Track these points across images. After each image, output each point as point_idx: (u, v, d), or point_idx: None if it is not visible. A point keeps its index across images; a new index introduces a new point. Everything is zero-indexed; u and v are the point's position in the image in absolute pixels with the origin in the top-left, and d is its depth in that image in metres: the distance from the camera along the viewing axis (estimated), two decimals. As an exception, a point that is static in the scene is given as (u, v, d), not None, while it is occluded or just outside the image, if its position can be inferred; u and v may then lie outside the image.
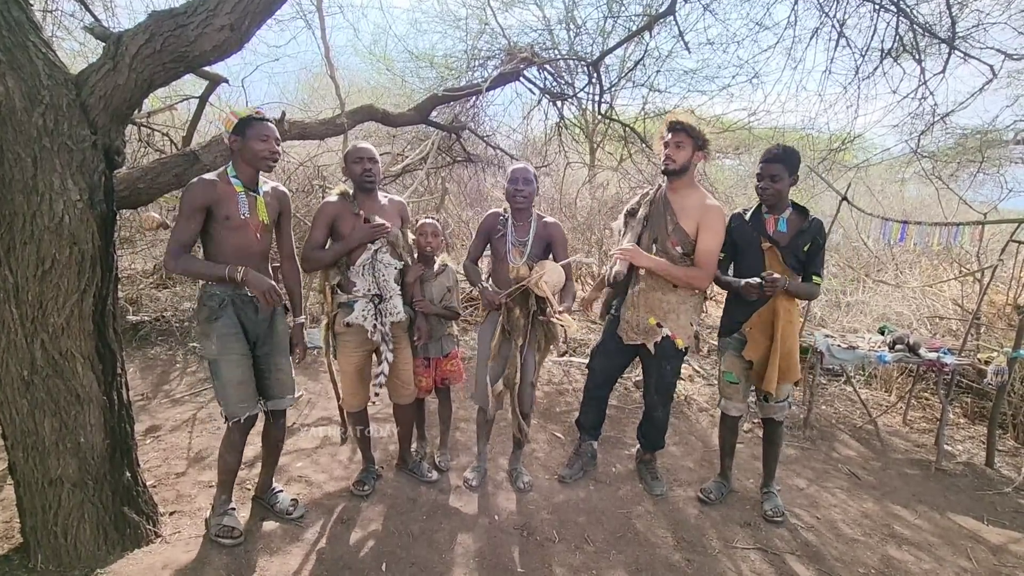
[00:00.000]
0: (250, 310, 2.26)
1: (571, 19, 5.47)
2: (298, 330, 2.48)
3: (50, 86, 1.83)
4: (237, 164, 2.20)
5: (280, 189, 2.40)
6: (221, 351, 2.19)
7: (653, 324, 2.68)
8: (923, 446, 3.73)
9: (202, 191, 2.11)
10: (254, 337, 2.30)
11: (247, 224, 2.20)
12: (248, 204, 2.20)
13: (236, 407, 2.25)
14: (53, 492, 2.04)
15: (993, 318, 4.38)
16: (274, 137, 2.21)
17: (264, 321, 2.31)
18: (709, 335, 5.74)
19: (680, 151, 2.60)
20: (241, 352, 2.23)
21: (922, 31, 3.57)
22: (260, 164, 2.20)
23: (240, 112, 2.19)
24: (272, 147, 2.19)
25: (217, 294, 2.19)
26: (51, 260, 1.90)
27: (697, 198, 2.66)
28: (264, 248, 2.30)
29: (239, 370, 2.23)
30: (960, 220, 3.86)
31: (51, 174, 1.86)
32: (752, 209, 2.70)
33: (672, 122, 2.62)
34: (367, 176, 2.48)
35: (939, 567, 2.49)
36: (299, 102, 8.07)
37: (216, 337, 2.18)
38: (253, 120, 2.17)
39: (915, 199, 8.85)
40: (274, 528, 2.44)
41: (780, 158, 2.52)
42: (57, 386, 1.98)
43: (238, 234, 2.18)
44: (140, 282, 5.49)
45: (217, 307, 2.19)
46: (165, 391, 3.85)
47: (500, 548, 2.41)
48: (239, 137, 2.16)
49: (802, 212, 2.63)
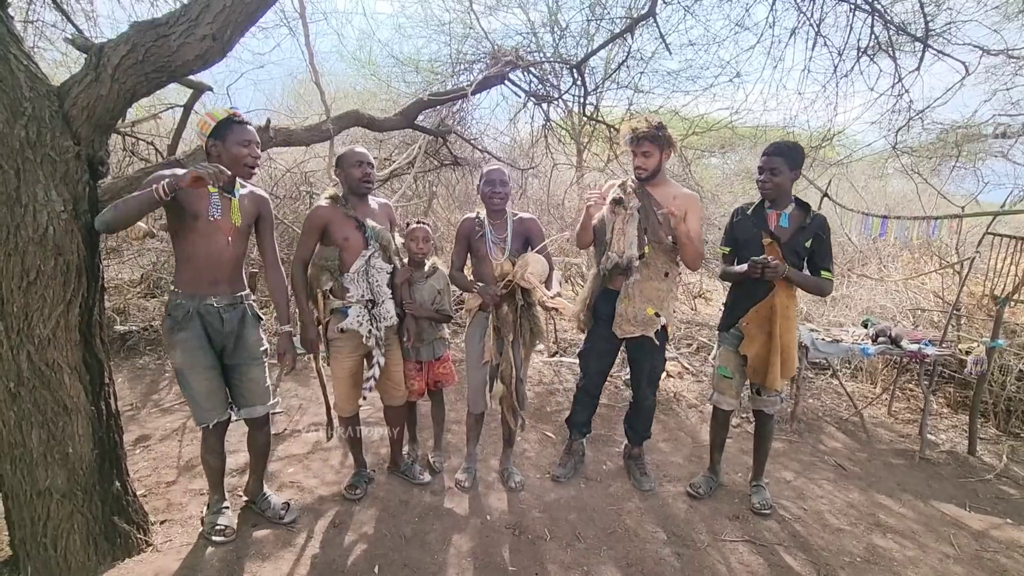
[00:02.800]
0: (215, 321, 2.22)
1: (555, 22, 5.52)
2: (285, 339, 2.43)
3: (32, 98, 1.84)
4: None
5: (259, 194, 2.35)
6: (186, 363, 2.17)
7: (652, 314, 2.73)
8: (907, 436, 3.80)
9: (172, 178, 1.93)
10: (220, 347, 2.26)
11: (217, 226, 2.13)
12: (222, 207, 2.14)
13: (204, 414, 2.25)
14: (42, 503, 2.03)
15: (972, 309, 4.46)
16: (255, 141, 2.16)
17: (231, 333, 2.26)
18: (698, 332, 5.80)
19: (649, 159, 2.67)
20: (206, 364, 2.20)
21: (896, 30, 3.65)
22: (241, 171, 2.16)
23: (216, 114, 2.12)
24: (254, 152, 2.15)
25: (182, 304, 2.16)
26: (36, 271, 1.90)
27: (675, 189, 2.77)
28: (237, 254, 2.25)
29: (205, 381, 2.21)
30: (938, 214, 3.94)
31: (35, 185, 1.87)
32: (754, 204, 2.72)
33: (634, 135, 2.65)
34: (367, 180, 2.48)
35: (923, 554, 2.55)
36: (285, 108, 8.04)
37: (180, 349, 2.16)
38: (233, 123, 2.11)
39: (898, 194, 8.98)
40: (266, 533, 2.44)
41: (781, 152, 2.55)
42: (44, 397, 1.98)
43: (208, 238, 2.13)
44: (127, 292, 5.45)
45: (181, 318, 2.15)
46: (154, 400, 3.84)
47: (492, 547, 2.43)
48: (218, 142, 2.11)
49: (804, 208, 2.64)
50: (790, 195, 2.65)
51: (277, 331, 2.47)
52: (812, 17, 3.77)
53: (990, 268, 3.82)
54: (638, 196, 2.71)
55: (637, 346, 2.82)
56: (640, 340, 2.78)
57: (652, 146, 2.64)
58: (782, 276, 2.51)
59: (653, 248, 2.71)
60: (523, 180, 6.66)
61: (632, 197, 2.69)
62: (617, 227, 2.70)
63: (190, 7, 1.93)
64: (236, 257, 2.25)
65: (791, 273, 2.53)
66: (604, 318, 2.82)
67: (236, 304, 2.29)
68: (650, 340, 2.76)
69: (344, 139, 5.50)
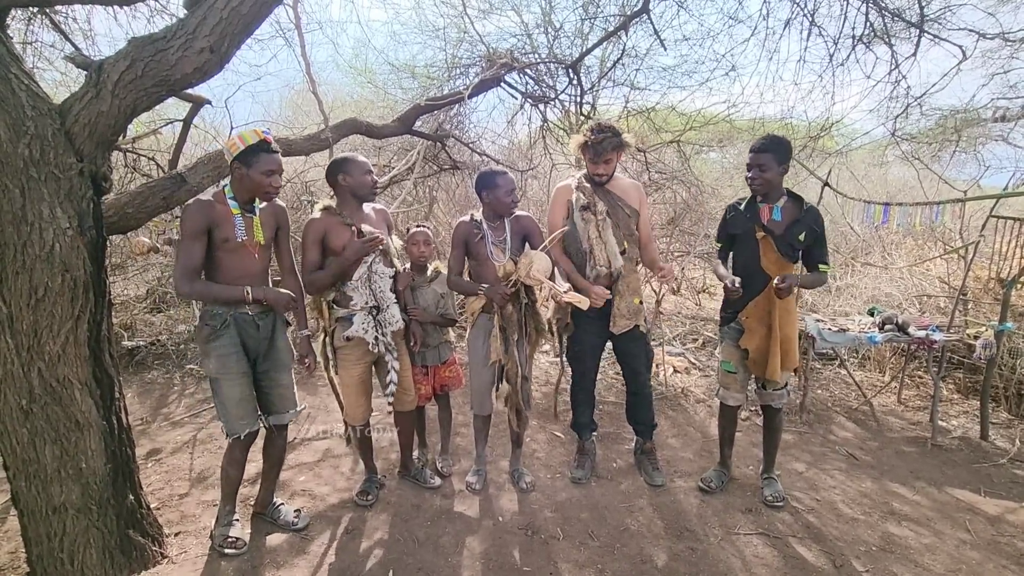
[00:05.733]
0: (251, 328, 2.27)
1: (549, 23, 5.53)
2: (306, 342, 2.49)
3: (34, 116, 1.85)
4: (235, 186, 2.20)
5: (276, 204, 2.39)
6: (220, 370, 2.21)
7: (637, 303, 2.80)
8: (918, 423, 3.78)
9: (200, 213, 2.12)
10: (255, 355, 2.32)
11: (244, 245, 2.21)
12: (245, 225, 2.21)
13: (236, 424, 2.27)
14: (57, 519, 2.05)
15: (979, 293, 4.44)
16: (279, 170, 2.21)
17: (265, 339, 2.33)
18: (703, 327, 5.79)
19: (610, 165, 2.71)
20: (241, 371, 2.25)
21: (891, 16, 3.64)
22: (261, 196, 2.23)
23: (247, 137, 2.13)
24: (276, 182, 2.20)
25: (219, 314, 2.21)
26: (44, 288, 1.92)
27: (625, 180, 2.87)
28: (264, 266, 2.32)
29: (239, 388, 2.25)
30: (941, 199, 3.93)
31: (40, 203, 1.88)
32: (747, 199, 2.73)
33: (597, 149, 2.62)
34: (376, 186, 2.53)
35: (939, 541, 2.53)
36: (283, 119, 8.07)
37: (216, 356, 2.20)
38: (261, 151, 2.14)
39: (899, 181, 8.93)
40: (280, 542, 2.45)
41: (767, 148, 2.56)
42: (56, 413, 1.99)
43: (237, 256, 2.20)
44: (134, 307, 5.49)
45: (218, 327, 2.20)
46: (164, 414, 3.85)
47: (505, 549, 2.43)
48: (243, 166, 2.14)
49: (797, 201, 2.65)
50: (781, 188, 2.66)
51: (297, 336, 2.49)
52: (806, 7, 3.77)
53: (995, 251, 3.80)
54: (601, 197, 2.75)
55: (629, 338, 2.84)
56: (631, 332, 2.81)
57: (614, 153, 2.67)
58: (793, 290, 2.55)
59: (629, 242, 2.78)
60: (523, 182, 6.67)
61: (595, 199, 2.72)
62: (593, 235, 2.73)
63: (187, 21, 1.94)
64: (264, 269, 2.32)
65: (801, 281, 2.60)
66: (592, 316, 2.74)
67: (268, 311, 2.34)
68: (638, 328, 2.82)
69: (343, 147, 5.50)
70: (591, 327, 2.85)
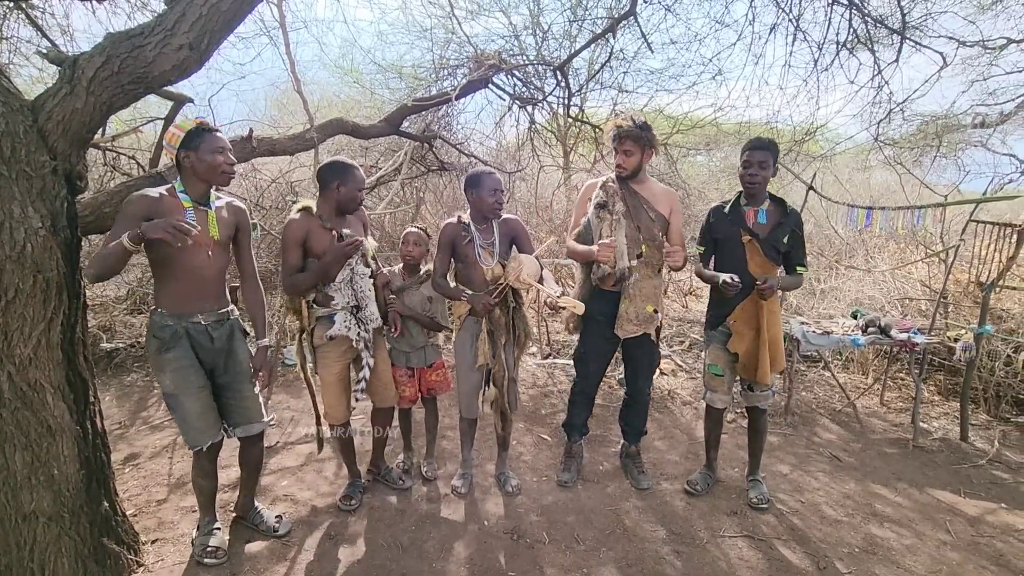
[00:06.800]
0: (204, 339, 2.17)
1: (537, 25, 5.53)
2: (263, 353, 2.34)
3: (5, 113, 1.80)
4: (187, 180, 2.09)
5: (236, 204, 2.29)
6: (176, 384, 2.11)
7: (651, 311, 2.75)
8: (900, 425, 3.83)
9: (141, 205, 1.96)
10: (211, 366, 2.21)
11: (197, 243, 2.05)
12: (198, 219, 2.06)
13: (198, 437, 2.18)
14: (28, 527, 1.98)
15: (959, 296, 4.51)
16: (228, 148, 2.12)
17: (222, 350, 2.22)
18: (690, 329, 5.81)
19: (630, 158, 2.67)
20: (198, 384, 2.14)
21: (874, 22, 3.69)
22: (217, 179, 2.11)
23: (185, 125, 2.07)
24: (229, 159, 2.11)
25: (169, 325, 2.10)
26: (15, 290, 1.85)
27: (657, 186, 2.82)
28: (220, 268, 2.20)
29: (198, 403, 2.15)
30: (922, 203, 3.98)
31: (10, 202, 1.82)
32: (730, 202, 2.73)
33: (617, 133, 2.66)
34: (360, 205, 2.51)
35: (920, 542, 2.56)
36: (268, 119, 7.97)
37: (170, 371, 2.10)
38: (203, 132, 2.07)
39: (881, 185, 9.07)
40: (260, 548, 2.40)
41: (767, 146, 2.58)
42: (27, 418, 1.93)
43: (188, 253, 2.05)
44: (113, 309, 5.37)
45: (168, 338, 2.09)
46: (143, 418, 3.77)
47: (490, 553, 2.41)
48: (190, 152, 2.05)
49: (780, 204, 2.67)
50: (765, 191, 2.68)
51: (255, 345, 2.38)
52: (791, 12, 3.81)
53: (974, 255, 3.86)
54: (624, 196, 2.71)
55: (637, 344, 2.82)
56: (640, 338, 2.78)
57: (634, 145, 2.65)
58: (774, 292, 2.57)
59: (649, 246, 2.72)
60: (510, 183, 6.66)
61: (616, 200, 2.69)
62: (604, 234, 2.69)
63: (165, 17, 1.90)
64: (219, 271, 2.20)
65: (780, 284, 2.62)
66: (601, 319, 2.78)
67: (223, 320, 2.24)
68: (648, 337, 2.78)
69: (329, 147, 5.46)
70: (599, 330, 2.82)
